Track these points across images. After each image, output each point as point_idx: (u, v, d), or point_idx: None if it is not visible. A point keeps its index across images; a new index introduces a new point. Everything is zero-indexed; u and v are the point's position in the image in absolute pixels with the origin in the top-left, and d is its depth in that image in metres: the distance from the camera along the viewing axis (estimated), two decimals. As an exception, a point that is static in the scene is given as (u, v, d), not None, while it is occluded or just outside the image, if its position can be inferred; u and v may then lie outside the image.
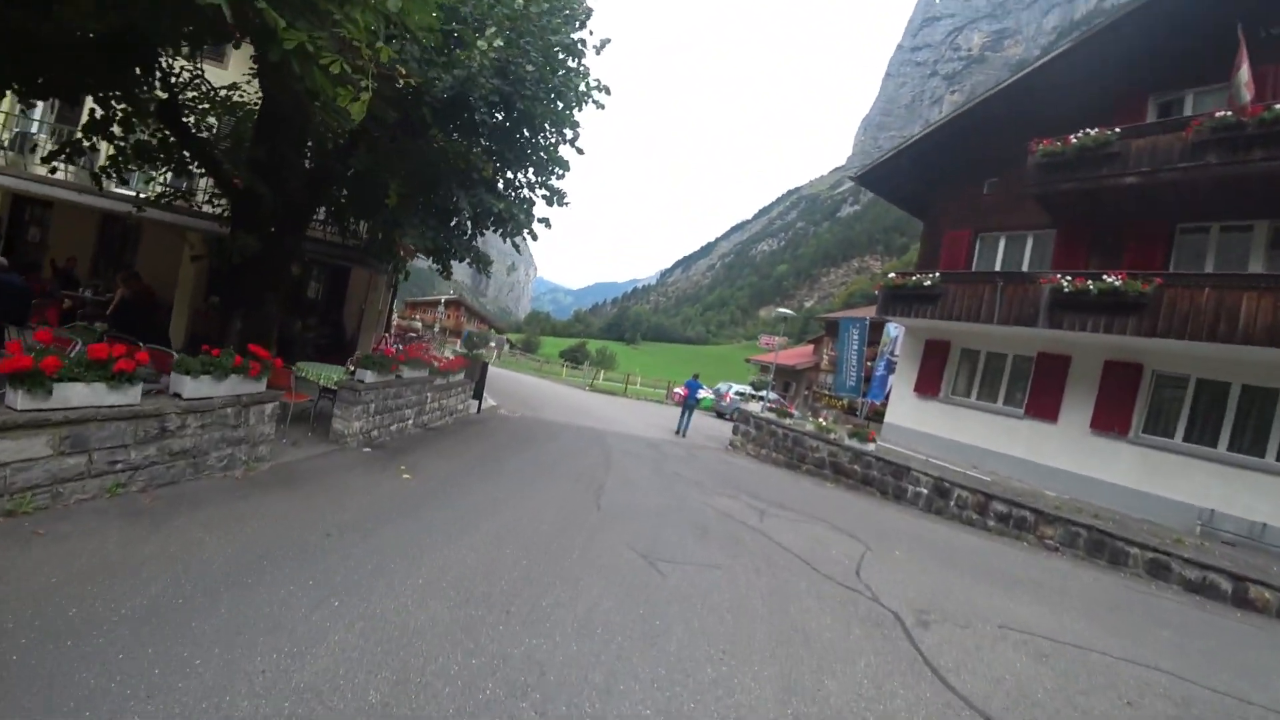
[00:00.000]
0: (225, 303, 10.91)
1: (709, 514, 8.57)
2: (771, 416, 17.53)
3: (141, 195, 11.87)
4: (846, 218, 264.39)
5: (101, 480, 5.38)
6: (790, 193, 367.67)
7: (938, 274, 16.62)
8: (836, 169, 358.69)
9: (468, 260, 10.68)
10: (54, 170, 10.81)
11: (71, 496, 5.15)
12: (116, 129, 9.42)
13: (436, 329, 64.33)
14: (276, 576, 4.38)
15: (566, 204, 12.03)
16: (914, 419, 18.25)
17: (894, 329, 22.33)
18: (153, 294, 14.11)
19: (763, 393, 23.94)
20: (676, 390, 28.58)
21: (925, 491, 12.48)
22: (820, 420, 17.08)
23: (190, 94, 10.46)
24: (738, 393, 30.70)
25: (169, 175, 11.30)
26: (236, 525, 5.26)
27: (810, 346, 50.58)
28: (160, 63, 9.21)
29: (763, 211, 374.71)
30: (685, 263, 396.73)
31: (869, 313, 25.95)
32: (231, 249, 10.05)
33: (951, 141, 17.87)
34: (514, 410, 17.23)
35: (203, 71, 10.16)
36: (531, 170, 11.70)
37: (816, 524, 9.05)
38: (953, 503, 11.93)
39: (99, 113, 9.03)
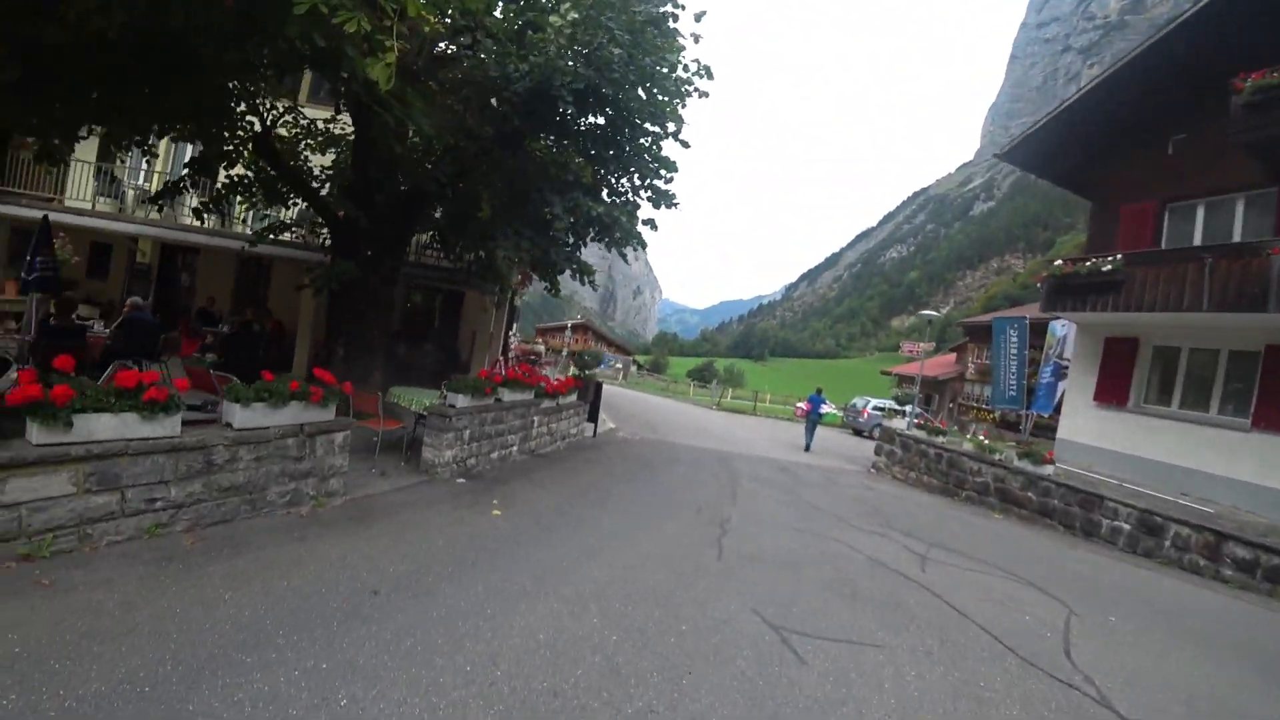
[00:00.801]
0: (329, 330, 10.60)
1: (857, 561, 6.74)
2: (921, 434, 15.08)
3: (250, 231, 11.94)
4: (980, 215, 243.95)
5: (139, 520, 4.67)
6: (916, 194, 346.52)
7: (1119, 256, 13.50)
8: (964, 165, 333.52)
9: (571, 272, 9.61)
10: (201, 219, 11.14)
11: (102, 538, 4.45)
12: (221, 167, 9.35)
13: (564, 353, 65.61)
14: (284, 656, 3.30)
15: (676, 205, 10.73)
16: (1094, 433, 15.00)
17: (1061, 327, 18.88)
18: (280, 326, 14.45)
19: (907, 407, 21.12)
20: (799, 405, 26.14)
21: (1127, 527, 9.76)
22: (981, 438, 14.39)
23: (288, 129, 10.33)
24: (876, 408, 27.75)
25: (284, 211, 11.26)
26: (272, 576, 4.33)
27: (952, 355, 45.71)
28: (254, 101, 9.06)
29: (888, 217, 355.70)
30: (810, 276, 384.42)
31: (1028, 312, 22.36)
32: (328, 275, 9.68)
33: (1118, 99, 14.66)
34: (634, 433, 16.04)
35: (296, 104, 9.91)
36: (635, 175, 10.53)
37: (994, 574, 6.93)
38: (1168, 543, 9.16)
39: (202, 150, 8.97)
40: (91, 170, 14.58)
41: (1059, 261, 14.80)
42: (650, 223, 10.27)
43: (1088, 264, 13.86)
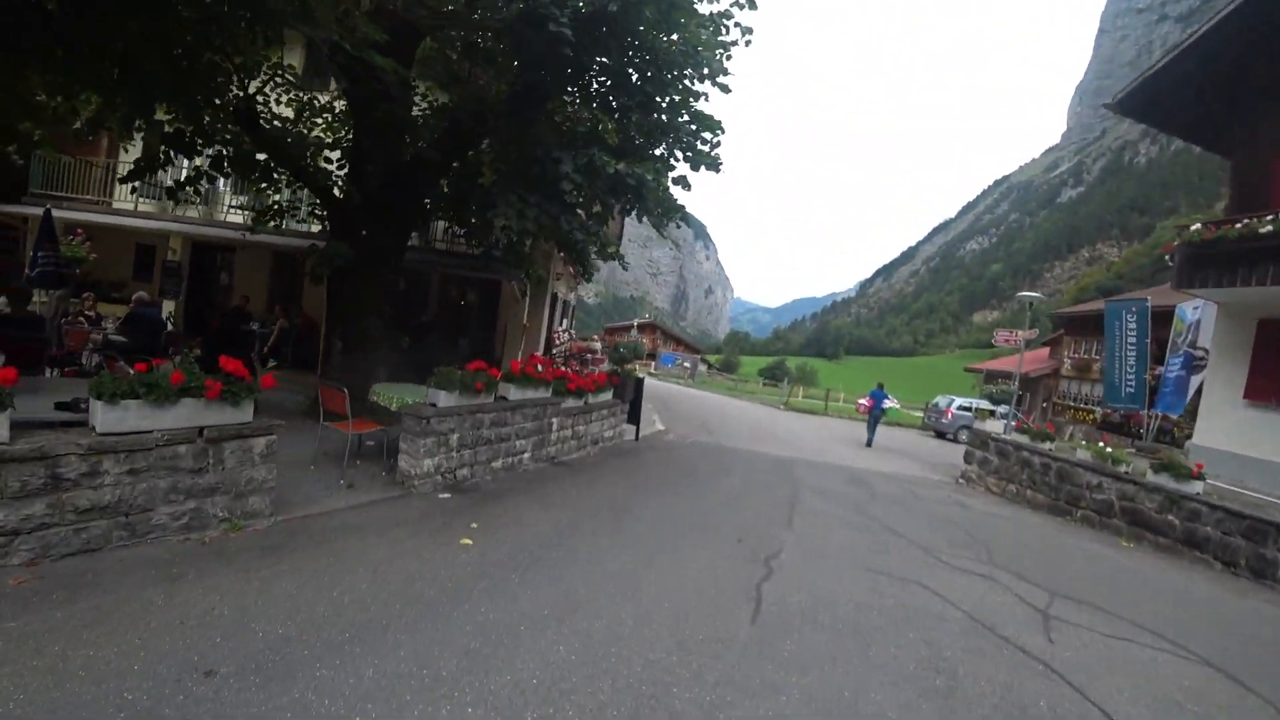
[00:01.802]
0: (327, 322, 9.36)
1: (952, 623, 4.72)
2: (1022, 439, 12.52)
3: (243, 210, 10.78)
4: (1068, 202, 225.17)
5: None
6: (998, 183, 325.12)
7: (1280, 214, 10.58)
8: (1050, 149, 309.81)
9: (584, 241, 7.89)
10: (254, 227, 10.19)
11: None
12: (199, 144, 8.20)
13: (601, 347, 64.22)
14: None
15: (718, 167, 8.93)
16: (1243, 440, 12.08)
17: (1191, 311, 15.67)
18: (312, 323, 13.52)
19: (1000, 407, 18.16)
20: (861, 401, 23.53)
21: (1319, 569, 7.20)
22: (1101, 445, 11.70)
23: (289, 105, 9.12)
24: (962, 408, 24.66)
25: (283, 193, 10.11)
26: (78, 641, 2.94)
27: (1045, 349, 41.13)
28: (233, 63, 7.85)
29: (968, 207, 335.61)
30: (886, 271, 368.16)
31: (1147, 294, 18.85)
32: (319, 259, 8.41)
33: (1263, 27, 11.65)
34: (685, 436, 14.22)
35: (281, 68, 8.65)
36: (670, 136, 8.78)
37: (1153, 646, 4.80)
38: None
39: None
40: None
41: (1196, 226, 11.93)
42: (682, 181, 8.46)
43: (1239, 226, 10.99)
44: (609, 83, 7.94)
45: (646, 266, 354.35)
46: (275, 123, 9.23)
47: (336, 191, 9.01)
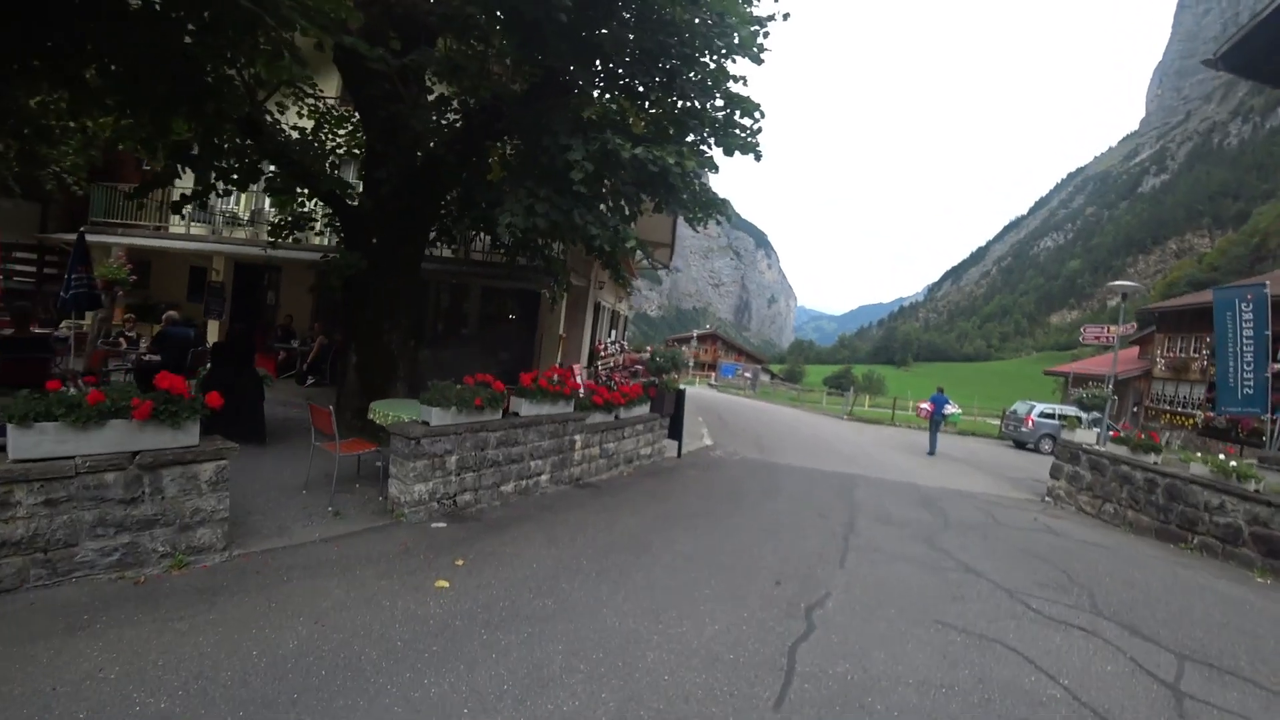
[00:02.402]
0: (344, 335, 8.87)
1: (1049, 709, 3.54)
2: (1120, 451, 10.78)
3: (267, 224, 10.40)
4: (1151, 192, 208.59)
5: None
6: (1072, 175, 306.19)
7: None
8: (1128, 136, 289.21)
9: (599, 236, 6.98)
10: (275, 242, 9.96)
11: None
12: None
13: (691, 364, 63.12)
14: None
15: (755, 152, 7.98)
16: None
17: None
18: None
19: (1088, 413, 15.99)
20: (921, 406, 21.89)
21: None
22: (1221, 458, 9.85)
23: (309, 115, 8.73)
24: (1044, 415, 22.32)
25: (303, 206, 9.72)
26: None
27: (1134, 348, 37.32)
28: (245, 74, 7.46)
29: (1040, 203, 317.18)
30: (954, 273, 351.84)
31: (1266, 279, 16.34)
32: (331, 270, 7.91)
33: None
34: (735, 451, 13.11)
35: (296, 83, 8.20)
36: (701, 121, 7.87)
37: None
38: None
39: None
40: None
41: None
42: (709, 162, 7.51)
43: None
44: (627, 61, 7.09)
45: (708, 277, 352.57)
46: (291, 132, 8.85)
47: (352, 200, 8.53)
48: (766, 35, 8.06)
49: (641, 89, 7.48)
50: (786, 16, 8.12)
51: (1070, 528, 9.17)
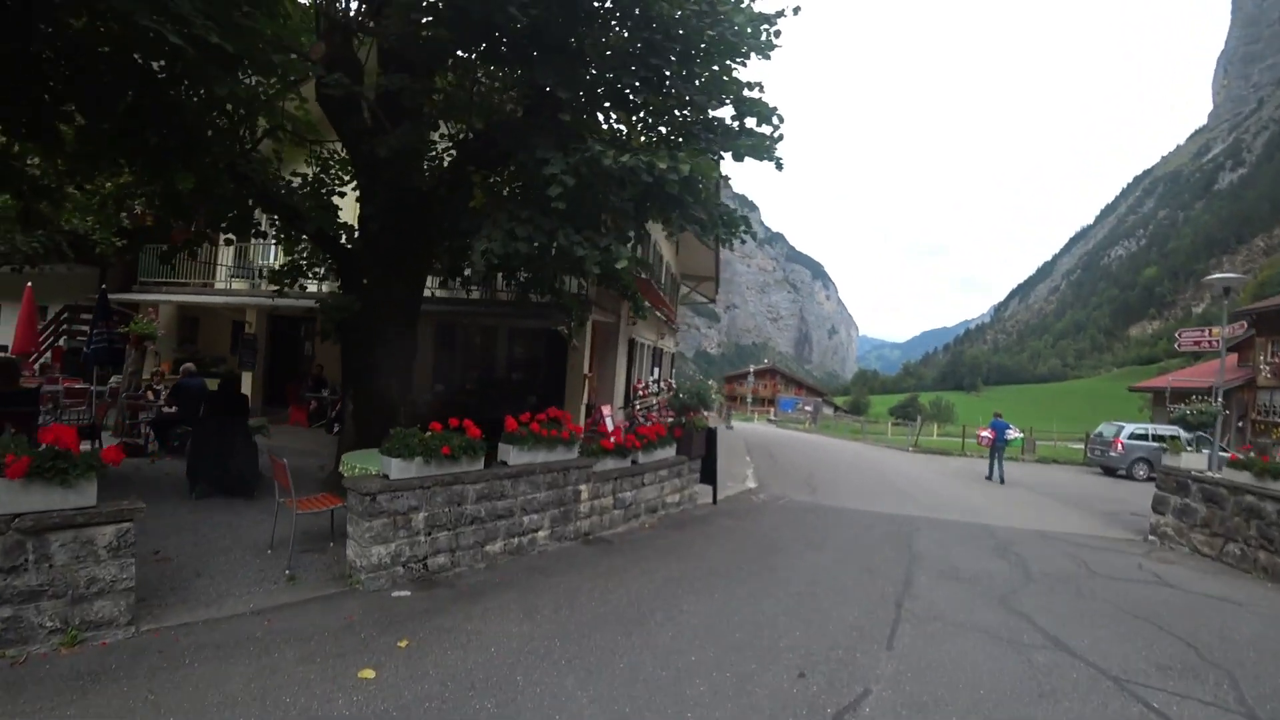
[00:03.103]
0: (343, 382, 8.27)
1: None
2: (1243, 478, 8.85)
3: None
4: (1229, 188, 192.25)
5: None
6: (1139, 178, 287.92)
7: None
8: (1197, 132, 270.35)
9: (585, 258, 6.03)
10: (281, 290, 9.63)
11: None
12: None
13: (749, 400, 61.22)
14: None
15: (774, 159, 7.11)
16: None
17: None
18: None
19: (1194, 433, 13.46)
20: (982, 434, 20.35)
21: None
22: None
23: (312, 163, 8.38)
24: (1136, 436, 19.65)
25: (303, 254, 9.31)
26: None
27: (1232, 356, 33.12)
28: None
29: (1107, 210, 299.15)
30: (1020, 291, 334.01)
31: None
32: (322, 315, 7.35)
33: None
34: (780, 494, 11.71)
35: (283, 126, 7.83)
36: (706, 127, 7.04)
37: None
38: None
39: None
40: (231, 253, 14.56)
41: None
42: (713, 166, 6.57)
43: None
44: (614, 64, 6.30)
45: (766, 312, 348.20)
46: (293, 179, 8.49)
47: (346, 242, 8.04)
48: (778, 34, 7.24)
49: (636, 98, 6.67)
50: (797, 10, 7.30)
51: (1186, 576, 7.42)
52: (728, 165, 20.12)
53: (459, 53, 7.34)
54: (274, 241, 10.80)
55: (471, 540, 5.66)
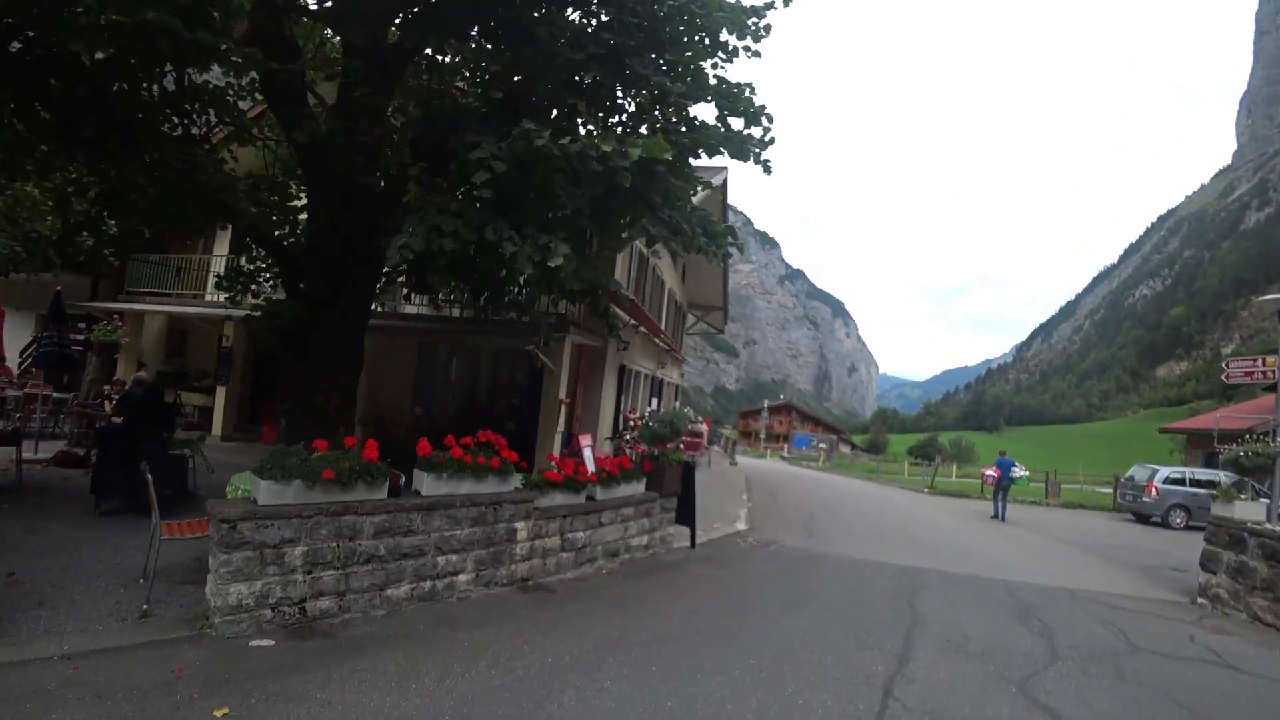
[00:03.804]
0: (279, 394, 7.38)
1: None
2: (1309, 539, 7.46)
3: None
4: (1257, 226, 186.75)
5: None
6: (1163, 218, 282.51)
7: None
8: (1222, 171, 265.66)
9: (517, 254, 5.03)
10: (234, 299, 8.86)
11: None
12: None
13: (762, 436, 59.45)
14: None
15: (765, 163, 6.32)
16: None
17: None
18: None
19: (1233, 478, 11.57)
20: (988, 472, 19.76)
21: None
22: None
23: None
24: (1171, 480, 17.88)
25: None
26: None
27: (1270, 397, 30.71)
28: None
29: (1131, 249, 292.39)
30: (1043, 330, 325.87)
31: None
32: (257, 322, 6.51)
33: None
34: (774, 537, 10.37)
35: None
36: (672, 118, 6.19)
37: None
38: None
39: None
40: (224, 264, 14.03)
41: None
42: (678, 157, 5.62)
43: None
44: (575, 49, 5.45)
45: (786, 349, 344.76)
46: (248, 177, 7.77)
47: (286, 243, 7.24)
48: (767, 28, 6.44)
49: (603, 86, 5.81)
50: (788, 1, 6.51)
51: (1251, 654, 6.06)
52: (729, 167, 19.20)
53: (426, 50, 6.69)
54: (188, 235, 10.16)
55: (367, 583, 4.64)
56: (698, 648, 4.78)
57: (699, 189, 8.35)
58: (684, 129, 6.65)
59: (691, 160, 6.80)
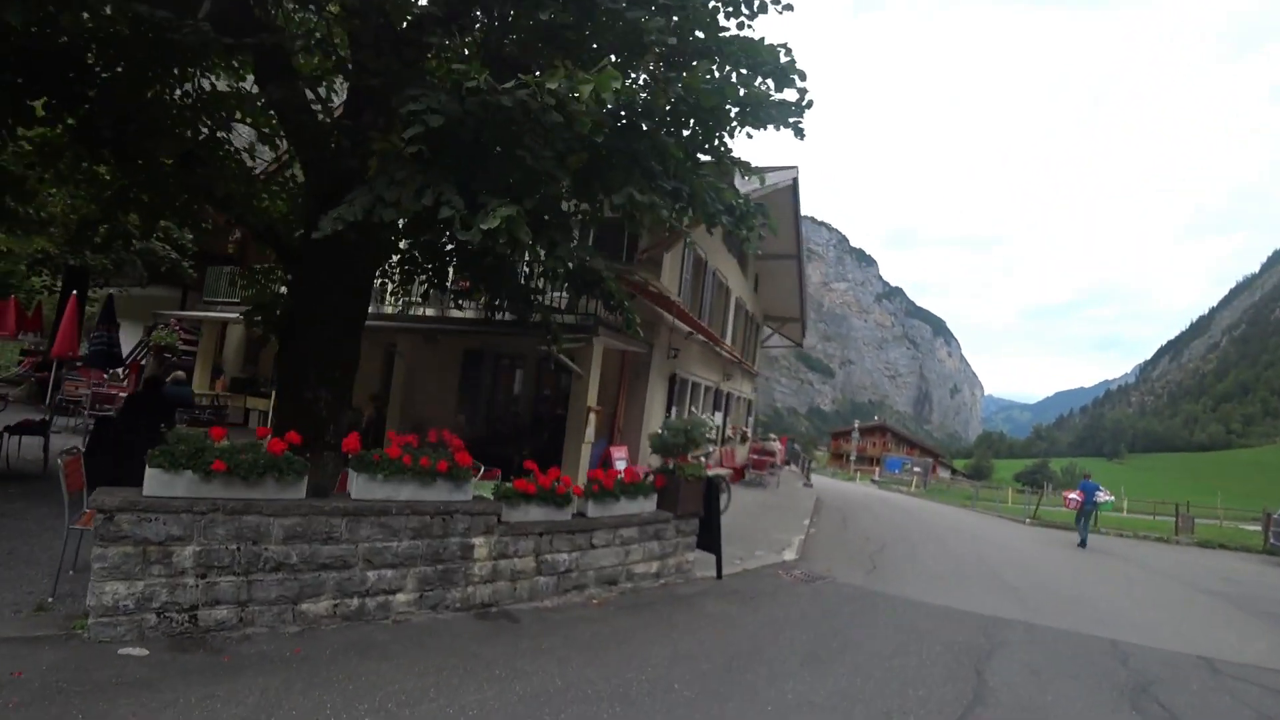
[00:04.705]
0: (276, 391, 6.99)
1: None
2: None
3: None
4: None
5: None
6: None
7: None
8: None
9: (453, 216, 4.14)
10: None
11: None
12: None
13: (852, 457, 55.79)
14: None
15: (796, 126, 5.32)
16: None
17: None
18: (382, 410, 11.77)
19: None
20: (1070, 496, 17.96)
21: None
22: None
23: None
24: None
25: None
26: None
27: None
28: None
29: (1275, 257, 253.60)
30: (1171, 348, 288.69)
31: None
32: (248, 315, 6.17)
33: None
34: (826, 571, 8.69)
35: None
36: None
37: None
38: None
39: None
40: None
41: None
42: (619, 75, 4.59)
43: None
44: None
45: (884, 369, 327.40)
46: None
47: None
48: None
49: (574, 29, 4.92)
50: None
51: None
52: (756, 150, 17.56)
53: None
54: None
55: (275, 594, 3.96)
56: (660, 713, 3.66)
57: (741, 175, 7.33)
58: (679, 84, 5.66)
59: (698, 127, 5.80)
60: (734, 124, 6.28)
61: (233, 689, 3.20)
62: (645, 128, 4.50)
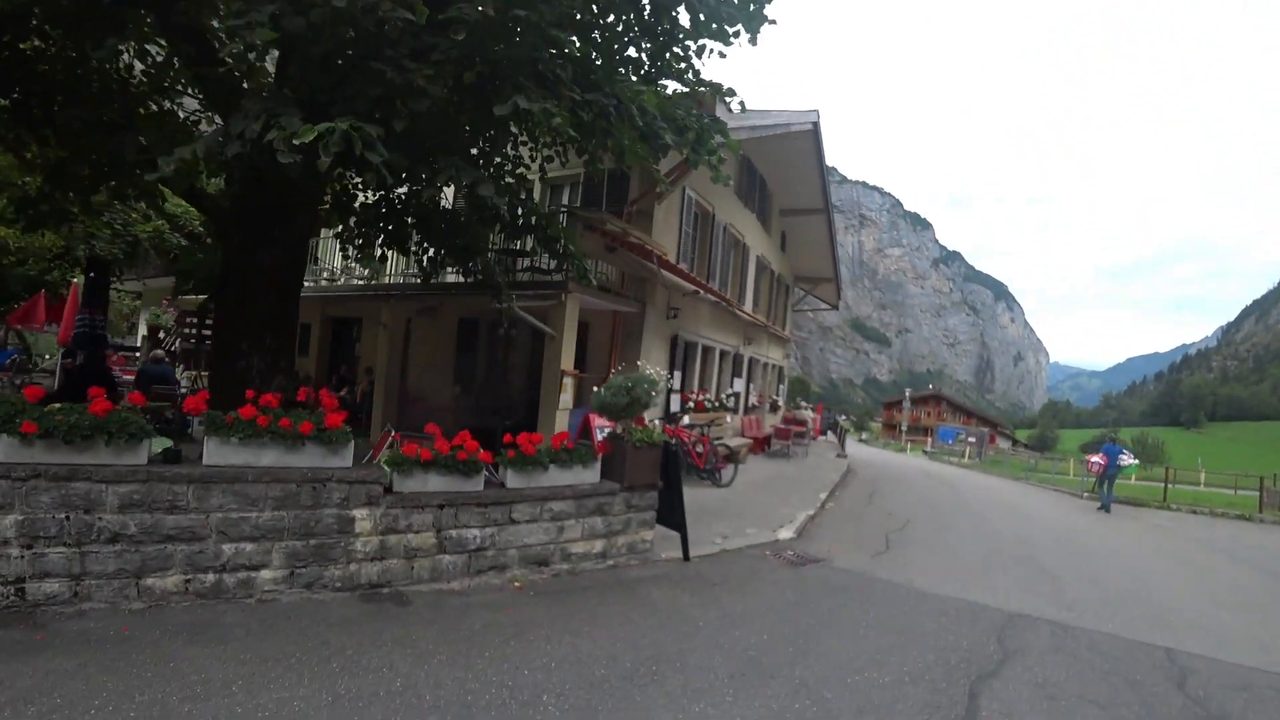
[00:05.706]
0: (211, 359, 6.60)
1: None
2: None
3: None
4: None
5: None
6: None
7: None
8: None
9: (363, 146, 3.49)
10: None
11: None
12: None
13: (903, 427, 53.39)
14: None
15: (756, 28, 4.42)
16: None
17: None
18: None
19: None
20: (1093, 459, 16.75)
21: None
22: None
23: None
24: None
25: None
26: None
27: None
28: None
29: None
30: (1258, 308, 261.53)
31: None
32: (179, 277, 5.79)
33: None
34: (824, 551, 7.68)
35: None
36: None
37: None
38: None
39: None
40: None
41: None
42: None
43: None
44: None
45: (942, 336, 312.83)
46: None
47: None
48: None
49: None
50: None
51: None
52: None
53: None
54: (333, 235, 9.85)
55: (113, 567, 3.59)
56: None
57: (720, 102, 6.41)
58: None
59: (645, 40, 4.94)
60: (687, 32, 5.36)
61: (14, 671, 2.77)
62: (529, 19, 3.67)
